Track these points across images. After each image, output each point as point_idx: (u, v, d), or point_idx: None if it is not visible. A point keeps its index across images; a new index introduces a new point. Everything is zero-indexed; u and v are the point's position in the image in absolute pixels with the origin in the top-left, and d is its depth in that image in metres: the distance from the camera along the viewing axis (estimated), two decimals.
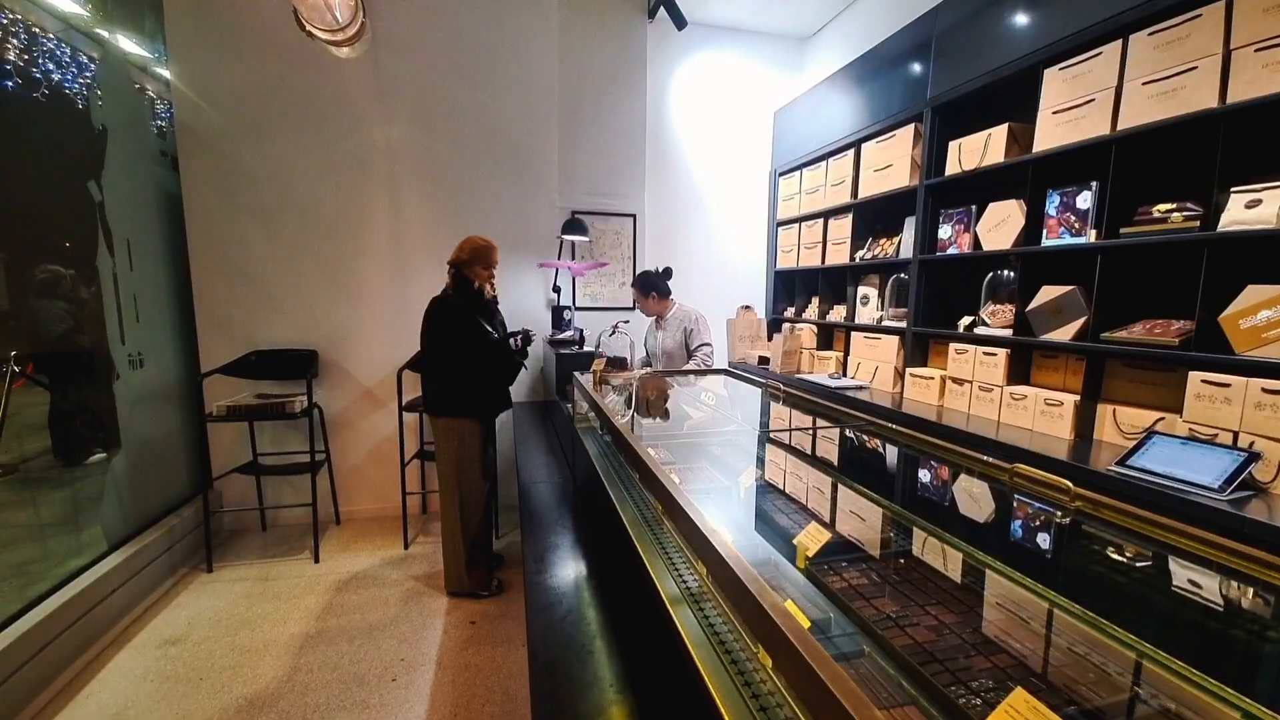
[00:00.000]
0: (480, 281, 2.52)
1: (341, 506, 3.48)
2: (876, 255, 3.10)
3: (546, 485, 2.08)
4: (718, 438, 1.95)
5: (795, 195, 3.75)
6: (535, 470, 2.26)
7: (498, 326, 2.62)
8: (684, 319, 3.18)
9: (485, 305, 2.56)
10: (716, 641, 0.85)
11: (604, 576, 1.44)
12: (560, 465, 2.33)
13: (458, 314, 2.44)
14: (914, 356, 2.74)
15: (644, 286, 3.17)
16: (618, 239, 3.75)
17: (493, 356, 2.50)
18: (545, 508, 1.89)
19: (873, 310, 3.11)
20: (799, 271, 3.77)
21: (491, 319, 2.58)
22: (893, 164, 2.82)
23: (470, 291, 2.49)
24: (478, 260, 2.51)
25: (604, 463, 1.73)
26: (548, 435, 2.80)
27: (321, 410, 3.31)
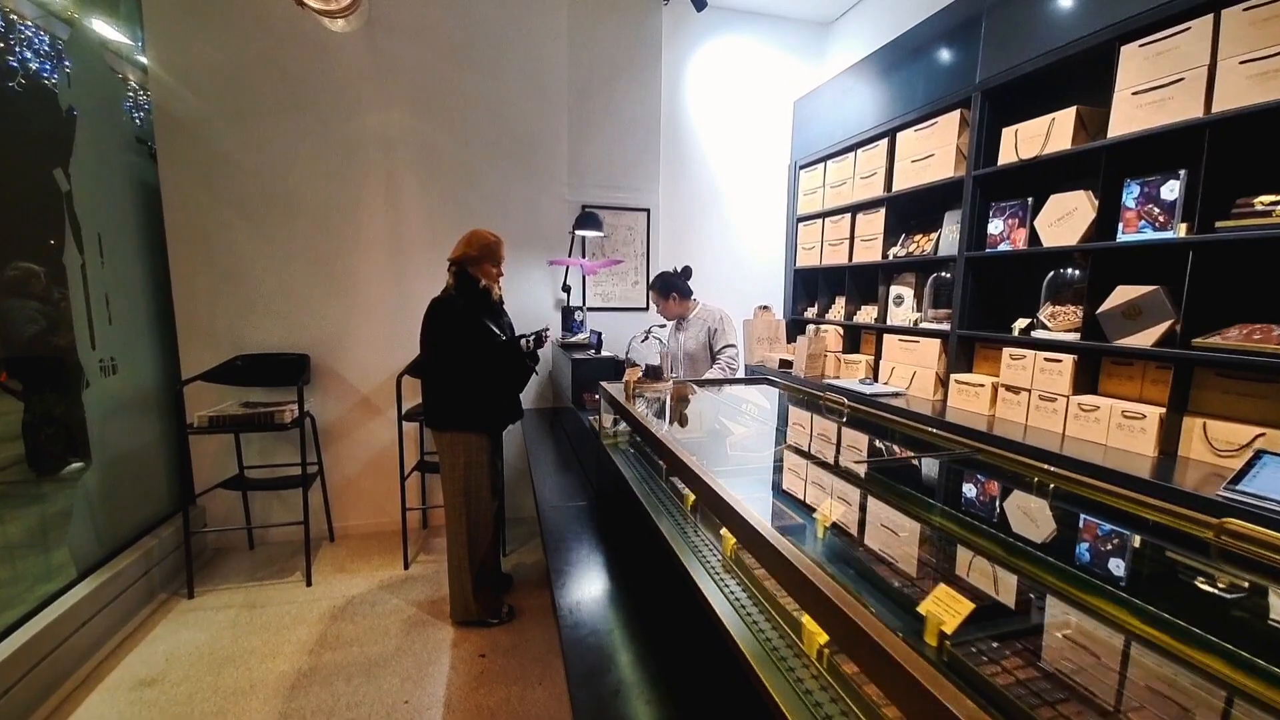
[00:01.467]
0: (488, 280, 2.30)
1: (336, 522, 3.24)
2: (912, 253, 2.90)
3: (567, 508, 1.86)
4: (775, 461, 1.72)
5: (818, 189, 3.54)
6: (552, 487, 2.04)
7: (505, 329, 2.39)
8: (708, 319, 2.97)
9: (492, 306, 2.34)
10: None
11: (650, 615, 1.22)
12: (579, 482, 2.10)
13: (462, 316, 2.22)
14: (958, 361, 2.54)
15: (663, 288, 2.95)
16: (630, 235, 3.53)
17: (504, 361, 2.27)
18: (568, 534, 1.66)
19: (907, 311, 2.90)
20: (822, 270, 3.56)
21: (498, 321, 2.35)
22: (934, 154, 2.61)
23: (475, 291, 2.26)
24: (487, 257, 2.28)
25: (644, 487, 1.51)
26: (559, 446, 2.58)
27: (314, 419, 3.06)
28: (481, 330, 2.23)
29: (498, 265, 2.35)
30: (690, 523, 1.31)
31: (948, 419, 2.36)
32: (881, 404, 2.67)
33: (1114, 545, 1.03)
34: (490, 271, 2.32)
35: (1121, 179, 1.89)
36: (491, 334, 2.26)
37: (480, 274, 2.28)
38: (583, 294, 3.47)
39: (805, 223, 3.70)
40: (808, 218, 3.67)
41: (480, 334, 2.23)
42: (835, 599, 0.63)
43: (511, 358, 2.29)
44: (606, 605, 1.31)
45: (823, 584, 0.66)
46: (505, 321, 2.41)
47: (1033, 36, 2.15)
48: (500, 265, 2.35)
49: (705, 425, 1.88)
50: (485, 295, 2.29)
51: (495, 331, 2.28)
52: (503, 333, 2.34)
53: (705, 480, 1.02)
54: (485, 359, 2.23)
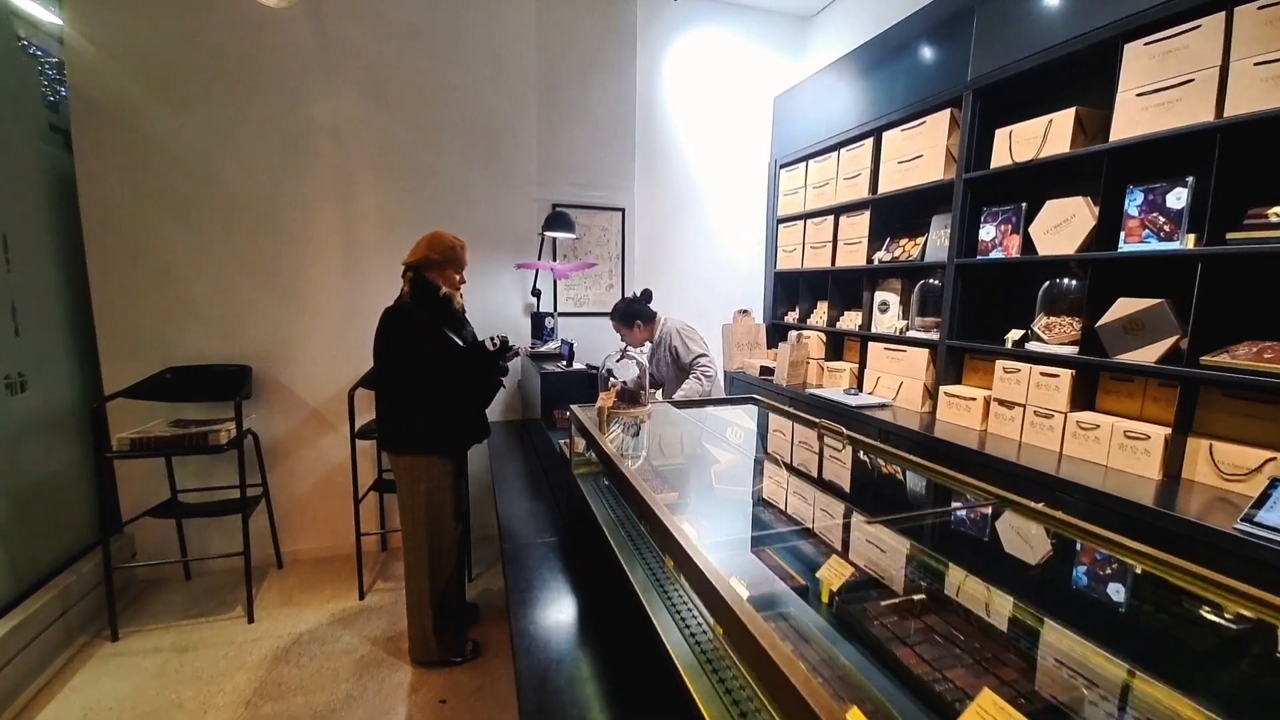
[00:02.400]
0: (449, 288, 2.09)
1: (284, 547, 2.98)
2: (897, 257, 2.78)
3: (535, 545, 1.67)
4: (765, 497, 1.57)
5: (800, 189, 3.40)
6: (518, 517, 1.84)
7: (468, 342, 2.19)
8: (665, 337, 2.79)
9: (454, 317, 2.12)
10: None
11: (625, 684, 1.05)
12: (548, 513, 1.92)
13: (420, 328, 2.00)
14: (947, 373, 2.43)
15: (626, 317, 2.76)
16: (604, 235, 3.34)
17: (469, 371, 2.07)
18: (534, 581, 1.48)
19: (893, 318, 2.79)
20: (804, 273, 3.43)
21: (460, 333, 2.15)
22: (923, 154, 2.49)
23: (435, 300, 2.05)
24: (450, 262, 2.07)
25: (619, 532, 1.34)
26: (528, 465, 2.38)
27: (256, 437, 2.79)
28: (443, 343, 2.02)
29: (460, 272, 2.14)
30: (669, 576, 1.14)
31: (936, 434, 2.25)
32: (867, 416, 2.56)
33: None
34: (452, 279, 2.11)
35: (1124, 185, 1.79)
36: (454, 346, 2.05)
37: (441, 281, 2.07)
38: (554, 299, 3.26)
39: (786, 224, 3.56)
40: (789, 219, 3.54)
41: (442, 347, 2.02)
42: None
43: (478, 366, 2.09)
44: (577, 675, 1.13)
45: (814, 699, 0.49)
46: (468, 333, 2.20)
47: (1029, 33, 2.04)
48: (463, 272, 2.15)
49: (686, 461, 1.72)
50: (446, 304, 2.07)
51: (458, 343, 2.08)
52: (465, 343, 2.14)
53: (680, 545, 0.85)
54: (448, 373, 2.02)
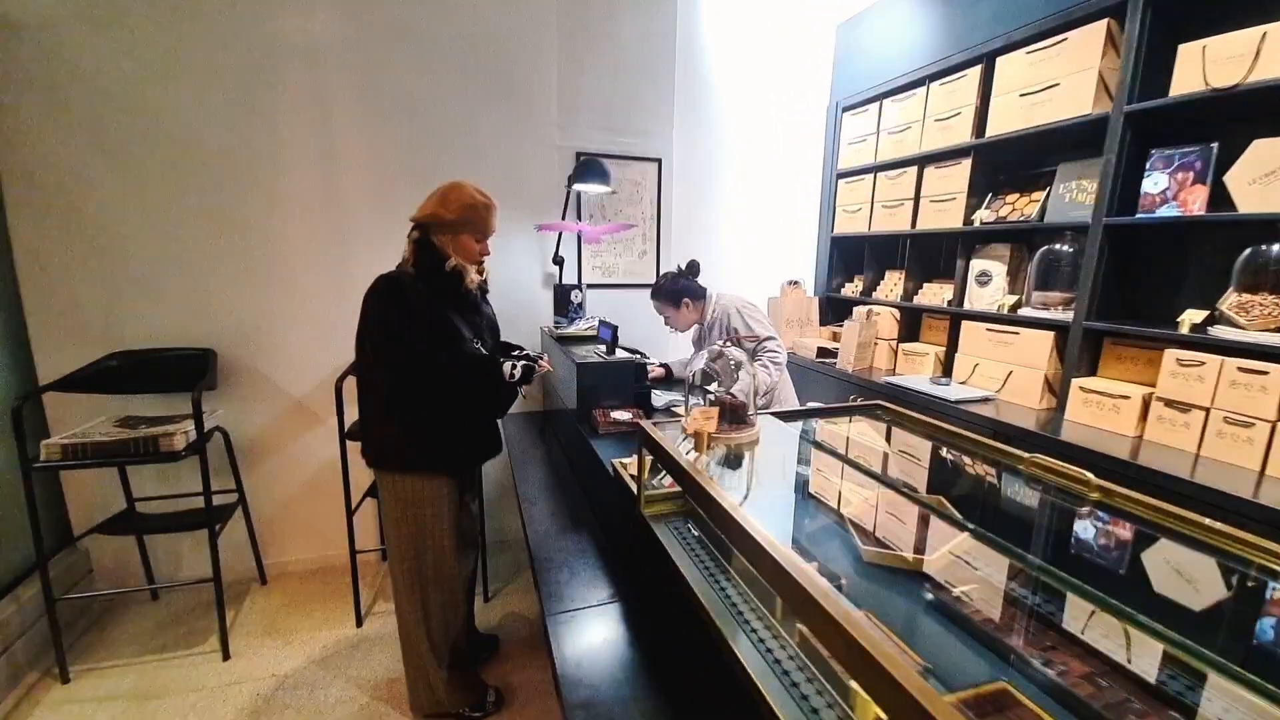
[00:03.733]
0: (462, 259, 1.58)
1: (268, 559, 2.55)
2: (1004, 217, 2.27)
3: (586, 612, 1.22)
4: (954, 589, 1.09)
5: (868, 137, 2.85)
6: (557, 565, 1.40)
7: (484, 332, 1.69)
8: (722, 316, 2.27)
9: (465, 298, 1.62)
10: None
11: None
12: (592, 540, 1.47)
13: (415, 307, 1.50)
14: (1079, 363, 1.95)
15: (673, 296, 2.25)
16: (637, 192, 2.81)
17: (471, 380, 1.57)
18: (584, 667, 1.04)
19: (996, 292, 2.29)
20: (870, 238, 2.92)
21: (473, 319, 1.66)
22: (1060, 83, 1.95)
23: (441, 272, 1.55)
24: (467, 225, 1.55)
25: (718, 600, 0.88)
26: (556, 471, 1.93)
27: (227, 435, 2.33)
28: (441, 330, 1.52)
29: (482, 239, 1.62)
30: (802, 667, 0.69)
31: (1066, 437, 1.79)
32: (966, 413, 2.09)
33: None
34: (469, 246, 1.59)
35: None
36: (456, 340, 1.54)
37: (453, 248, 1.56)
38: (578, 268, 2.76)
39: (848, 179, 3.02)
40: (852, 173, 3.00)
41: (438, 336, 1.52)
42: None
43: (483, 379, 1.58)
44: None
45: None
46: (485, 321, 1.70)
47: None
48: (486, 237, 1.63)
49: (811, 505, 1.24)
50: (454, 280, 1.57)
51: (464, 335, 1.57)
52: (479, 338, 1.64)
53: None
54: (442, 372, 1.53)
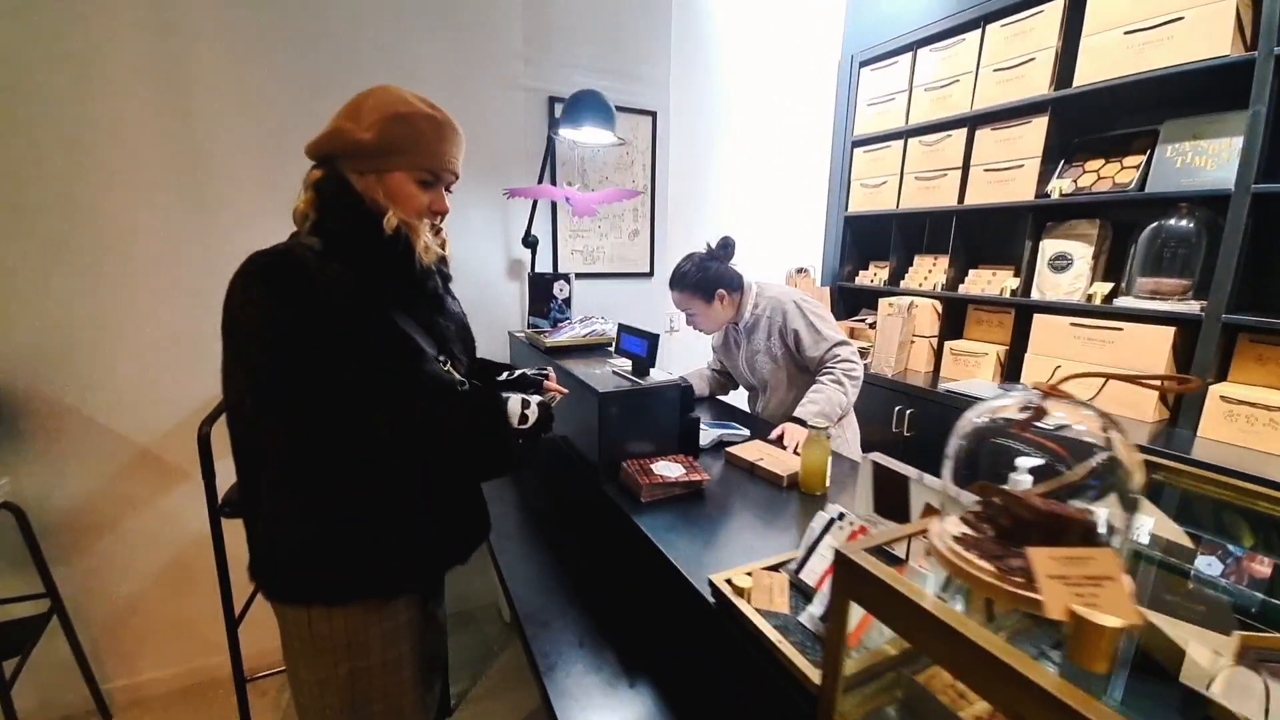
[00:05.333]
0: (403, 213, 0.86)
1: (111, 681, 1.74)
2: (1084, 187, 1.87)
3: None
4: None
5: (897, 95, 2.40)
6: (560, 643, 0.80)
7: (454, 342, 0.99)
8: (773, 315, 1.70)
9: (419, 284, 0.92)
10: None
11: None
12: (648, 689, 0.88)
13: (332, 303, 0.79)
14: (1211, 366, 1.57)
15: (703, 287, 1.66)
16: (627, 154, 2.19)
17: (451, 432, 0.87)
18: None
19: (1077, 279, 1.90)
20: (897, 216, 2.47)
21: (439, 318, 0.97)
22: (1184, 16, 1.55)
23: (372, 241, 0.85)
24: (397, 152, 0.84)
25: None
26: (558, 556, 1.31)
27: (21, 515, 1.49)
28: (387, 349, 0.84)
29: (434, 181, 0.90)
30: None
31: (1207, 458, 1.41)
32: (1058, 436, 1.67)
33: None
34: (407, 194, 0.87)
35: None
36: (413, 362, 0.87)
37: (382, 193, 0.86)
38: (553, 251, 2.11)
39: (868, 148, 2.57)
40: (873, 140, 2.54)
41: (385, 357, 0.84)
42: None
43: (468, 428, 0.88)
44: None
45: None
46: (454, 326, 1.00)
47: None
48: (441, 184, 0.92)
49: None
50: (398, 254, 0.86)
51: (424, 352, 0.89)
52: (447, 355, 0.95)
53: None
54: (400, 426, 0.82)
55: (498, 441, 0.89)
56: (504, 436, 0.90)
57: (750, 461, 1.28)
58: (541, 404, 0.94)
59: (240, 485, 0.99)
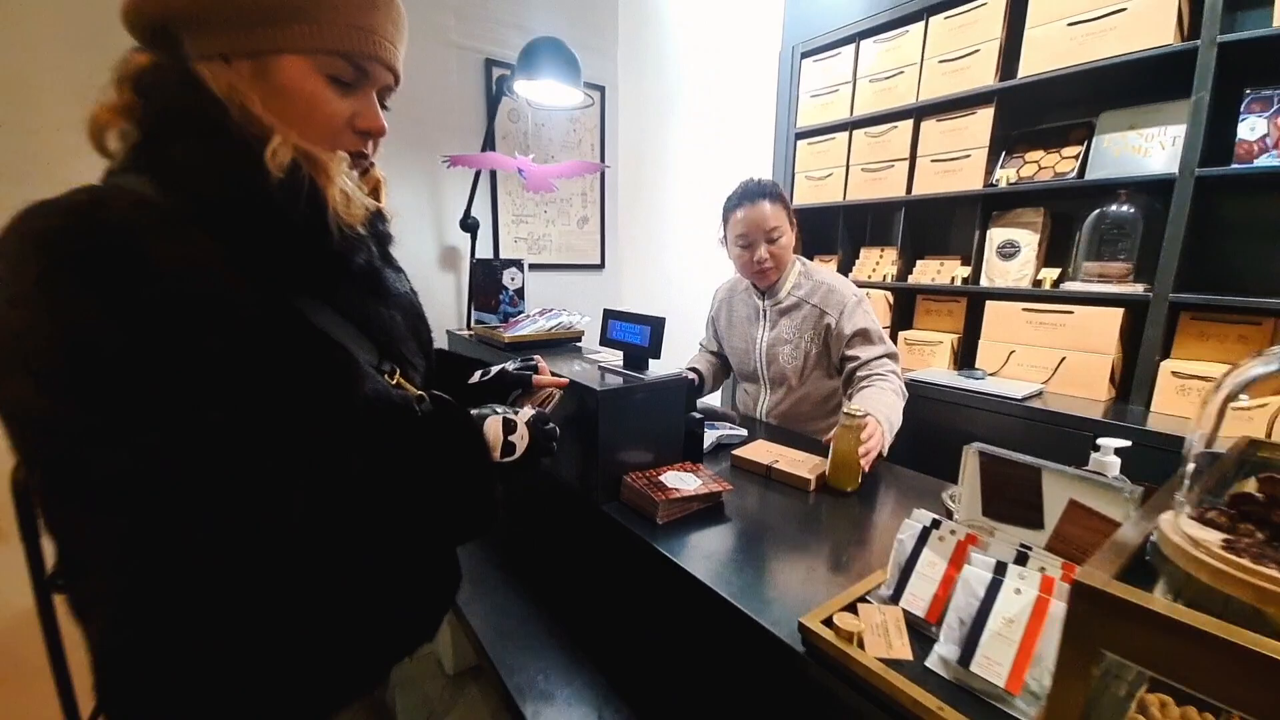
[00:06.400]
0: (301, 134, 0.53)
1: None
2: (1026, 177, 1.93)
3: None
4: None
5: (841, 86, 2.39)
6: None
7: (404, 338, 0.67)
8: (824, 304, 1.46)
9: (330, 254, 0.56)
10: None
11: None
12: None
13: (185, 293, 0.46)
14: (1157, 345, 1.65)
15: (788, 202, 1.48)
16: (574, 131, 1.97)
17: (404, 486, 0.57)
18: None
19: (1024, 265, 1.95)
20: (845, 208, 2.46)
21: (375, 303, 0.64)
22: (1126, 7, 1.61)
23: (247, 184, 0.50)
24: (284, 6, 0.50)
25: None
26: (521, 572, 1.07)
27: None
28: (286, 364, 0.51)
29: (360, 61, 0.54)
30: None
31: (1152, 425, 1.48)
32: (1020, 407, 1.71)
33: None
34: (311, 98, 0.53)
35: None
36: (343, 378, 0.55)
37: (259, 98, 0.51)
38: (494, 238, 1.84)
39: (812, 140, 2.54)
40: (817, 132, 2.51)
41: (287, 381, 0.51)
42: None
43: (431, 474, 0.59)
44: None
45: None
46: (401, 313, 0.68)
47: None
48: (369, 64, 0.55)
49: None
50: (289, 206, 0.51)
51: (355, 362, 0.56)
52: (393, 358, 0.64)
53: None
54: (312, 497, 0.51)
55: (474, 491, 0.62)
56: (483, 482, 0.62)
57: (765, 465, 1.11)
58: (534, 421, 0.69)
59: (61, 566, 0.64)
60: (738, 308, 1.64)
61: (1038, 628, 0.55)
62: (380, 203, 0.65)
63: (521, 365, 0.83)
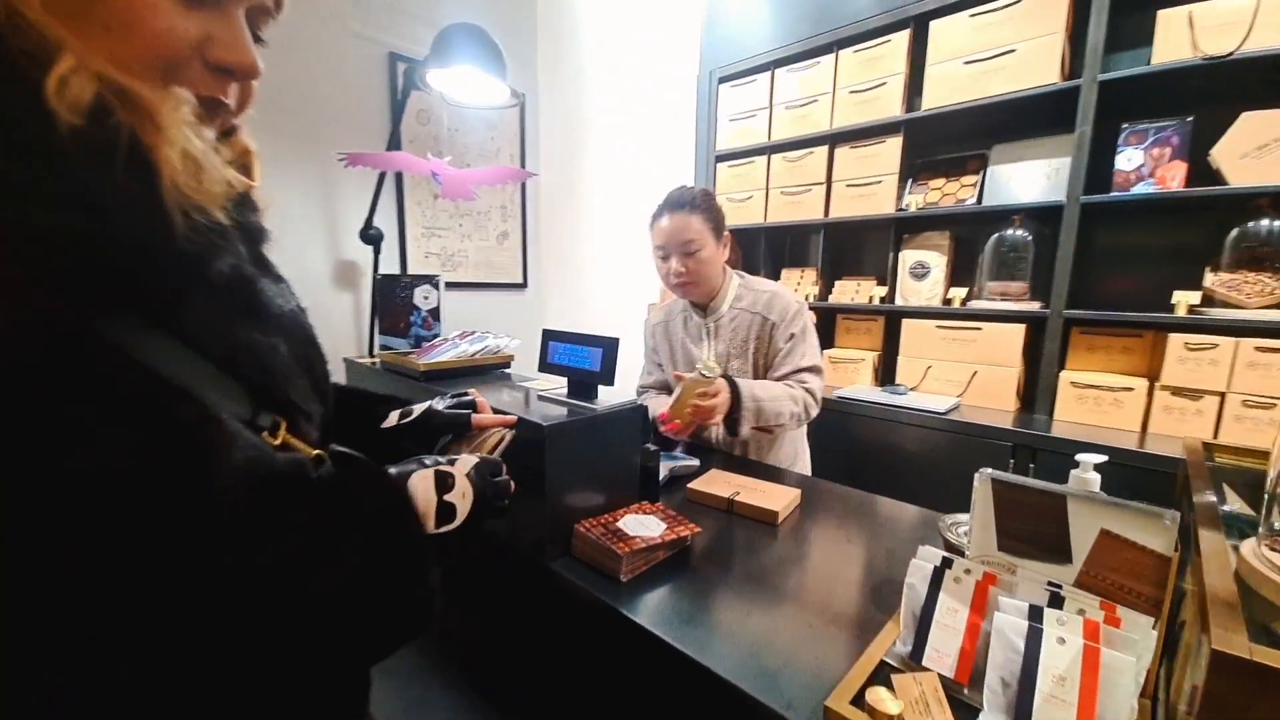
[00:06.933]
0: (115, 58, 0.34)
1: None
2: (932, 203, 2.05)
3: None
4: None
5: (758, 112, 2.44)
6: None
7: (288, 374, 0.46)
8: (766, 308, 1.40)
9: (171, 256, 0.36)
10: None
11: None
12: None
13: None
14: (1056, 357, 1.78)
15: (717, 220, 1.37)
16: (491, 139, 1.81)
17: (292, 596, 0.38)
18: None
19: (935, 285, 2.06)
20: (766, 230, 2.49)
21: (247, 323, 0.44)
22: (1016, 48, 1.76)
23: (33, 137, 0.31)
24: None
25: None
26: (450, 656, 0.88)
27: None
28: (89, 435, 0.31)
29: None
30: None
31: (1056, 433, 1.60)
32: (943, 421, 1.78)
33: None
34: (136, 8, 0.35)
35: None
36: (197, 445, 0.35)
37: (65, 18, 0.32)
38: (400, 252, 1.62)
39: (732, 162, 2.56)
40: (736, 155, 2.54)
41: (91, 464, 0.31)
42: None
43: (362, 564, 0.42)
44: None
45: None
46: (282, 343, 0.47)
47: None
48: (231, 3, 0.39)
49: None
50: (100, 174, 0.32)
51: (214, 420, 0.36)
52: (284, 408, 0.45)
53: None
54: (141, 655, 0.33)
55: (400, 584, 0.45)
56: (412, 568, 0.46)
57: (726, 498, 1.01)
58: (478, 471, 0.54)
59: None
60: (675, 331, 1.55)
61: (1094, 685, 0.48)
62: (254, 181, 0.46)
63: (455, 403, 0.67)
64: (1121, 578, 0.53)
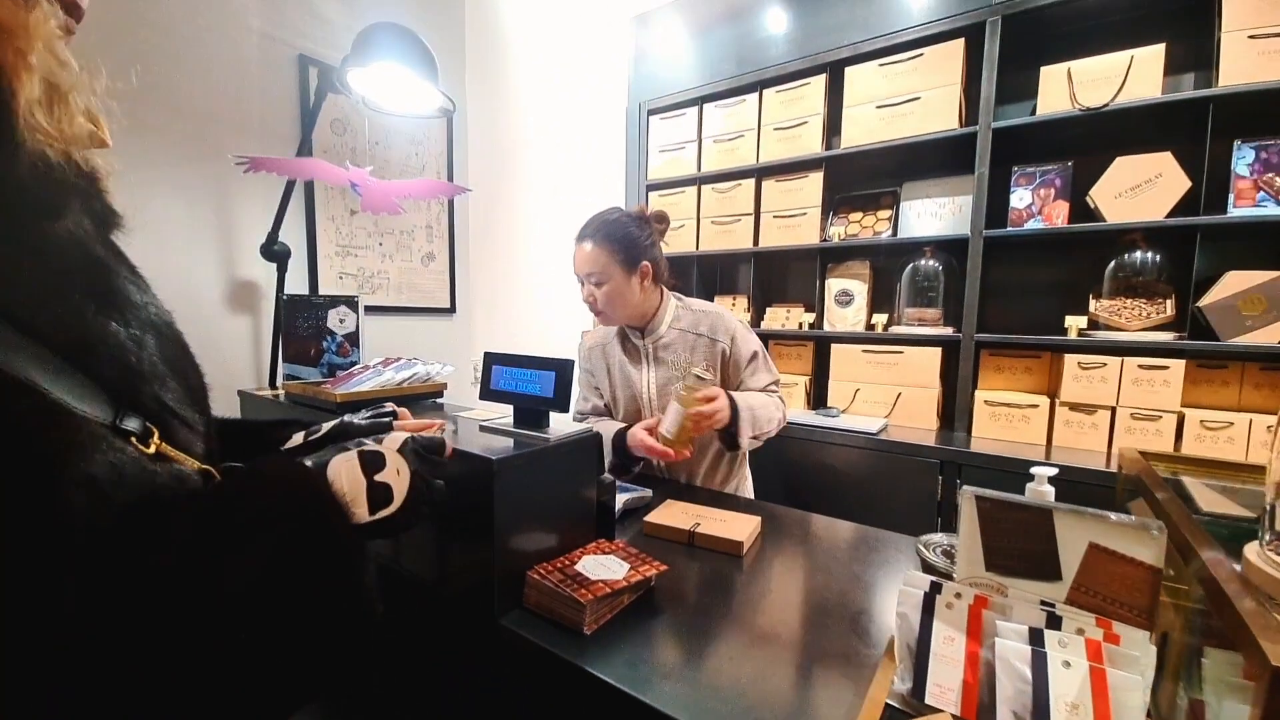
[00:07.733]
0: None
1: None
2: (852, 236, 2.17)
3: None
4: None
5: (688, 144, 2.49)
6: None
7: (156, 375, 0.37)
8: (711, 330, 1.38)
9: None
10: None
11: None
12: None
13: None
14: (970, 378, 1.90)
15: (630, 249, 1.29)
16: (416, 155, 1.70)
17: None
18: None
19: (858, 311, 2.16)
20: (698, 258, 2.52)
21: (104, 309, 0.35)
22: (921, 96, 1.92)
23: None
24: None
25: None
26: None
27: None
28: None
29: None
30: None
31: (976, 449, 1.70)
32: (875, 441, 1.84)
33: None
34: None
35: (1229, 141, 1.53)
36: (45, 454, 0.27)
37: None
38: (310, 272, 1.45)
39: (663, 192, 2.59)
40: (668, 185, 2.57)
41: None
42: None
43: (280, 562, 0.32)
44: None
45: None
46: (150, 337, 0.37)
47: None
48: None
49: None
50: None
51: (65, 414, 0.28)
52: (153, 411, 0.35)
53: None
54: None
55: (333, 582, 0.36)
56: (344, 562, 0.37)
57: (687, 530, 0.94)
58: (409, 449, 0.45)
59: None
60: (614, 352, 1.50)
61: (1105, 709, 0.46)
62: (103, 135, 0.36)
63: (373, 415, 0.57)
64: (1112, 592, 0.53)
